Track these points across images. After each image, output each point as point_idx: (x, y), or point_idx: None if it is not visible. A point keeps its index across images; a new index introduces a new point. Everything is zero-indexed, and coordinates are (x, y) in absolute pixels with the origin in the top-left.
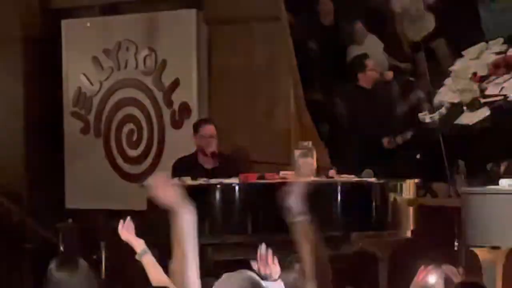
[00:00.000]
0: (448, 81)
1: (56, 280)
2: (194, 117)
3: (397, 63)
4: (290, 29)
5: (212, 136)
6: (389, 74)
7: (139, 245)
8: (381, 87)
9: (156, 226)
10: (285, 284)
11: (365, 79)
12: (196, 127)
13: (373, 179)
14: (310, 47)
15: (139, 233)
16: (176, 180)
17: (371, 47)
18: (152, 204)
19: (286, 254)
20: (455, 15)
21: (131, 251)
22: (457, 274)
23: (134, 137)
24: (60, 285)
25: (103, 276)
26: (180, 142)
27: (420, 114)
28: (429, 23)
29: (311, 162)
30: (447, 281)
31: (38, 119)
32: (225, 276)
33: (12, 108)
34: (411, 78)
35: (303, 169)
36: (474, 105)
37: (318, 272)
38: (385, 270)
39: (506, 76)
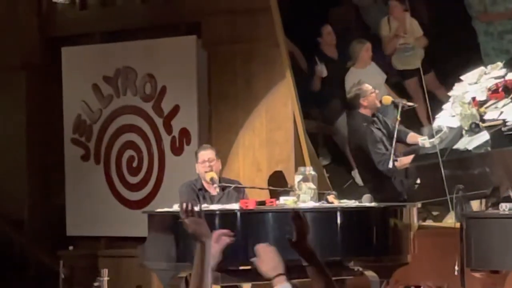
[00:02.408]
0: (447, 106)
1: None
2: (194, 143)
3: (396, 96)
4: (290, 56)
5: (208, 160)
6: (388, 99)
7: None
8: (381, 112)
9: None
10: None
11: (366, 105)
12: (196, 155)
13: (373, 204)
14: (310, 73)
15: None
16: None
17: (371, 75)
18: None
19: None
20: (451, 41)
21: (132, 277)
22: None
23: (135, 164)
24: None
25: None
26: (181, 169)
27: (420, 139)
28: (417, 58)
29: (312, 187)
30: None
31: (40, 146)
32: None
33: (14, 136)
34: (410, 104)
35: (304, 194)
36: (473, 130)
37: None
38: None
39: (505, 101)
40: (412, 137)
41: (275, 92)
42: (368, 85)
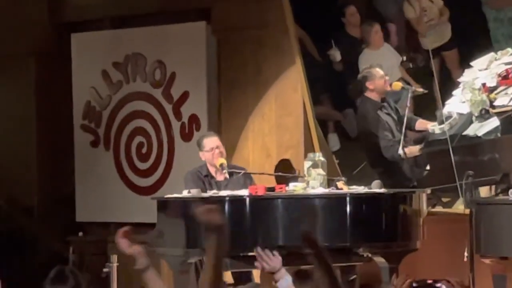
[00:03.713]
0: (457, 92)
1: None
2: (203, 130)
3: (410, 79)
4: (299, 43)
5: (217, 147)
6: (398, 85)
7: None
8: (390, 98)
9: None
10: None
11: (372, 88)
12: (199, 144)
13: (382, 190)
14: (319, 58)
15: None
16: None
17: (385, 56)
18: None
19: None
20: (464, 25)
21: None
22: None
23: (144, 150)
24: None
25: None
26: (190, 155)
27: (429, 125)
28: (446, 32)
29: (322, 173)
30: None
31: (49, 133)
32: None
33: (24, 122)
34: (421, 90)
35: (313, 181)
36: (483, 116)
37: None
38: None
39: None
40: (421, 123)
41: (284, 78)
42: (379, 70)
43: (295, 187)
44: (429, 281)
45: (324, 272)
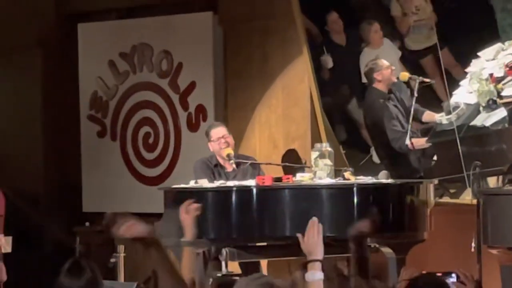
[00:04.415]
0: (464, 82)
1: (62, 284)
2: (210, 120)
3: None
4: (307, 33)
5: (223, 137)
6: (405, 75)
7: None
8: (397, 89)
9: None
10: None
11: (380, 79)
12: (207, 134)
13: (389, 181)
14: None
15: None
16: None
17: (386, 53)
18: None
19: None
20: (466, 17)
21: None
22: (470, 279)
23: (151, 140)
24: None
25: (121, 279)
26: (197, 145)
27: (437, 116)
28: (431, 35)
29: (329, 163)
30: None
31: (56, 123)
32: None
33: (30, 113)
34: (427, 80)
35: (320, 171)
36: (490, 106)
37: None
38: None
39: None
40: (428, 115)
41: (291, 68)
42: (384, 60)
43: (302, 178)
44: (439, 274)
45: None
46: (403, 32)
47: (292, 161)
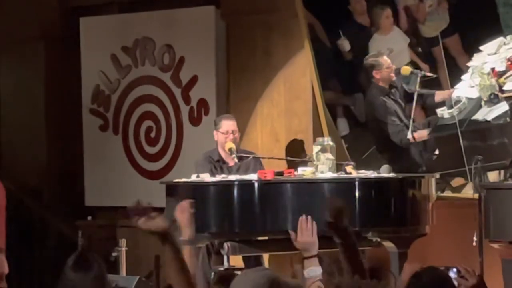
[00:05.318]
0: (466, 76)
1: (69, 279)
2: (212, 114)
3: (419, 61)
4: (309, 28)
5: (230, 132)
6: (407, 69)
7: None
8: (398, 83)
9: None
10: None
11: (378, 78)
12: (216, 122)
13: (391, 175)
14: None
15: None
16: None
17: (395, 40)
18: None
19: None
20: (472, 10)
21: (150, 247)
22: (472, 274)
23: (153, 134)
24: (72, 285)
25: (123, 273)
26: (199, 139)
27: (438, 110)
28: (444, 19)
29: (330, 158)
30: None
31: (58, 117)
32: (242, 273)
33: (33, 106)
34: (430, 74)
35: (322, 165)
36: (492, 101)
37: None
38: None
39: None
40: (439, 94)
41: (294, 62)
42: (387, 58)
43: (304, 172)
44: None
45: (349, 253)
46: (421, 20)
47: (294, 155)
